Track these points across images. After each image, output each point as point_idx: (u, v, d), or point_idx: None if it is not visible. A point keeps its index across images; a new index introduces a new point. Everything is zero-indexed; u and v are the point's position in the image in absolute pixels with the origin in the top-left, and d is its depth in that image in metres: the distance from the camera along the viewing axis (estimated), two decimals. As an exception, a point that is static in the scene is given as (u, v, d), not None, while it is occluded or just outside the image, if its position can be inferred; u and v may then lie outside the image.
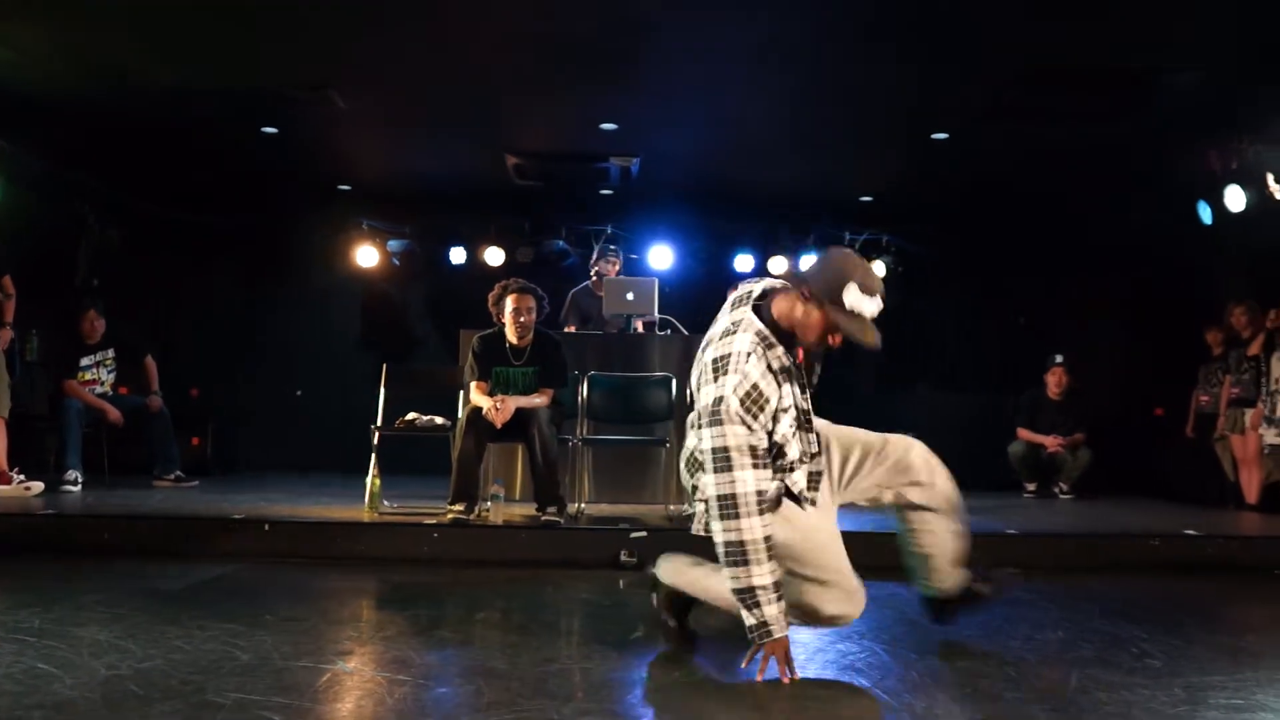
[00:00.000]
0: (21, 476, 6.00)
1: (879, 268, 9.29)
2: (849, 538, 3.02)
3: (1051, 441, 8.00)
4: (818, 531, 2.92)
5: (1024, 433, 8.15)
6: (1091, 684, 2.74)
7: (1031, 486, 8.09)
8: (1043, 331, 9.23)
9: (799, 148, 7.54)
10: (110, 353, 7.05)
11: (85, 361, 6.93)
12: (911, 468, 3.07)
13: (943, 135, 7.07)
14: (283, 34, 5.59)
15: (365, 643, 3.18)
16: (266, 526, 4.98)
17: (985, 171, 8.00)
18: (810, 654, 3.06)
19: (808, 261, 9.28)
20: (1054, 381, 8.24)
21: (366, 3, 5.21)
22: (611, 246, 8.16)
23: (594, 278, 7.58)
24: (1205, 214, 7.21)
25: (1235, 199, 6.72)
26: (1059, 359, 8.28)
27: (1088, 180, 8.04)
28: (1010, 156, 7.54)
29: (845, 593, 2.89)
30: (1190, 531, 5.38)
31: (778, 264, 9.31)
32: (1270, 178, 6.38)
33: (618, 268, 7.70)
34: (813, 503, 2.93)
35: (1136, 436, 8.55)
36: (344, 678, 2.69)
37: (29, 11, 5.36)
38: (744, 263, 9.28)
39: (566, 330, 7.02)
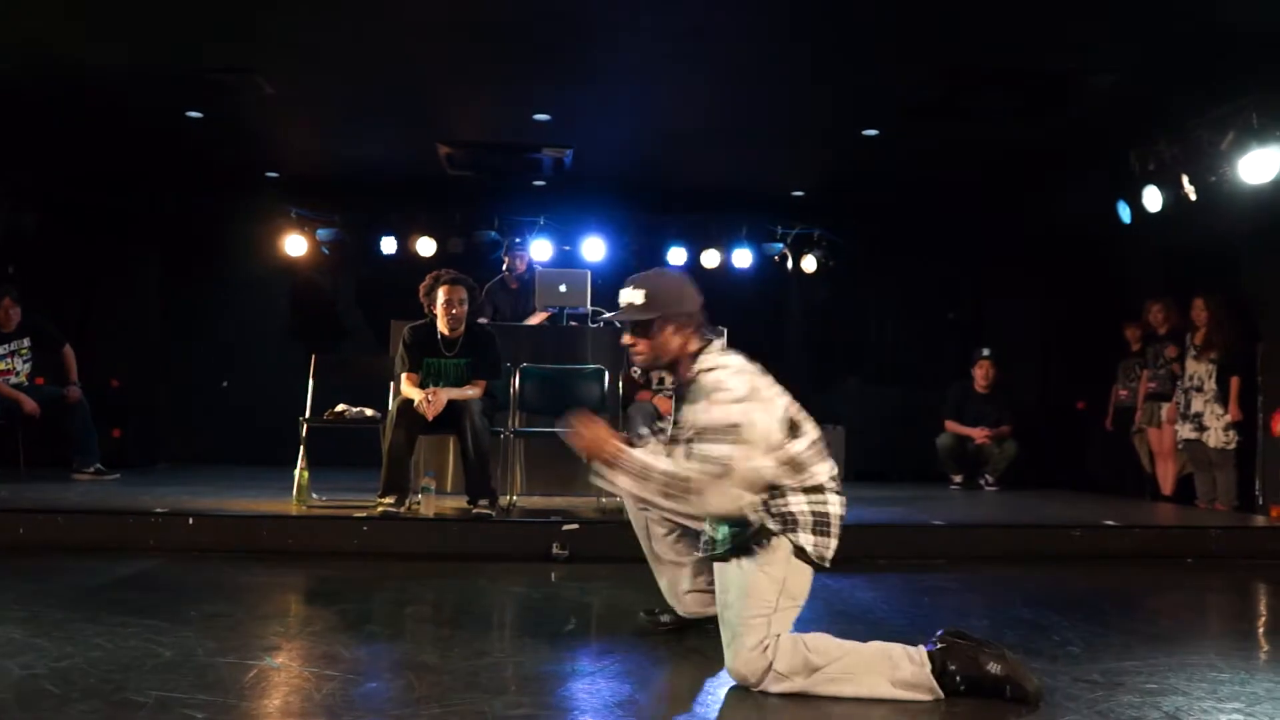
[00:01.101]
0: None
1: (810, 262, 9.40)
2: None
3: (979, 434, 8.16)
4: None
5: (951, 425, 8.30)
6: (1014, 671, 2.80)
7: (958, 478, 8.25)
8: (969, 326, 9.43)
9: (730, 141, 7.58)
10: (26, 341, 6.83)
11: (-1, 351, 6.71)
12: None
13: (873, 131, 7.16)
14: (207, 15, 5.45)
15: (293, 638, 3.13)
16: (190, 520, 4.88)
17: (915, 168, 8.11)
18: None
19: (738, 256, 9.42)
20: (981, 375, 8.40)
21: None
22: (518, 240, 8.25)
23: (505, 272, 7.65)
24: (1124, 213, 7.41)
25: (1153, 199, 6.91)
26: (986, 353, 8.46)
27: (1013, 178, 8.22)
28: (939, 154, 7.67)
29: None
30: (1109, 522, 5.54)
31: (710, 258, 9.36)
32: (1185, 179, 6.57)
33: (526, 262, 7.82)
34: None
35: (1059, 429, 8.77)
36: (271, 674, 2.64)
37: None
38: (677, 255, 9.31)
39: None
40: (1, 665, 2.58)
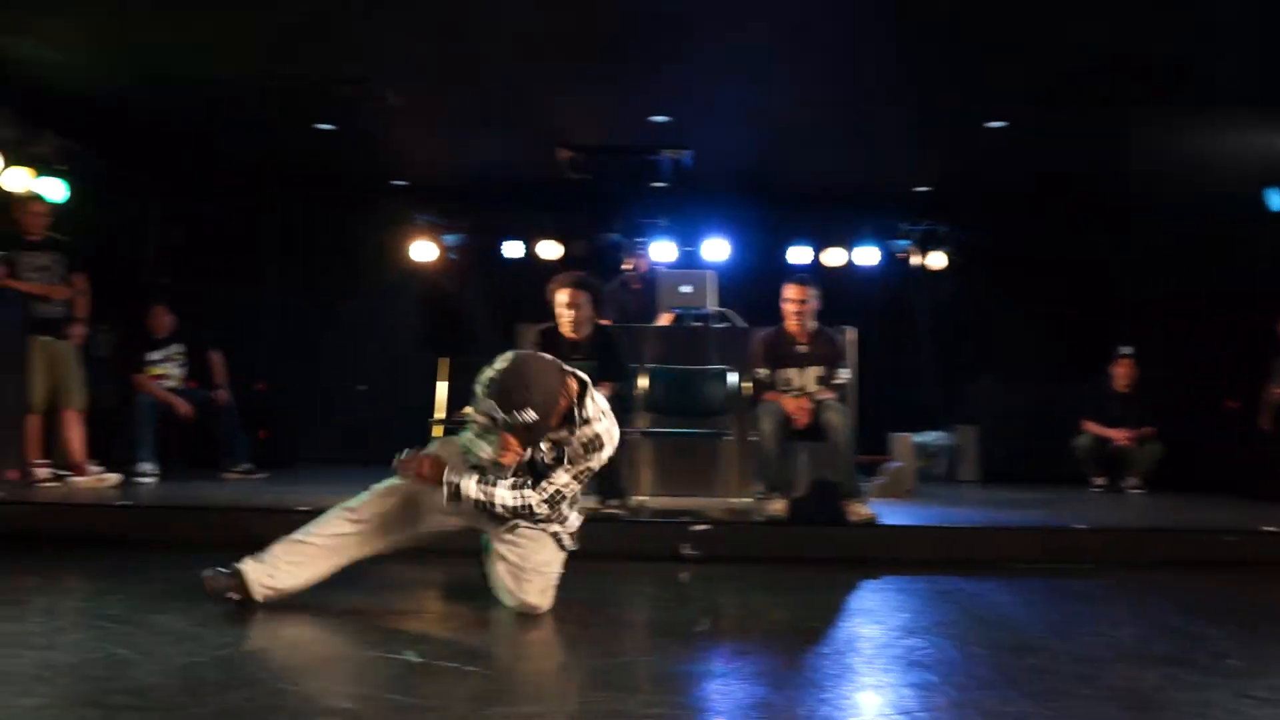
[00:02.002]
0: (99, 468, 6.16)
1: (937, 259, 9.19)
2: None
3: (1120, 435, 7.84)
4: None
5: (1090, 425, 7.99)
6: (1168, 683, 2.67)
7: (1100, 480, 7.95)
8: (1108, 322, 9.05)
9: (849, 139, 7.48)
10: (179, 347, 7.19)
11: (154, 356, 7.07)
12: None
13: (999, 124, 6.96)
14: (332, 32, 5.69)
15: (433, 633, 3.22)
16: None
17: (1044, 160, 7.85)
18: (876, 649, 3.03)
19: (862, 254, 9.27)
20: (1121, 373, 8.08)
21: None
22: (638, 240, 8.29)
23: (630, 272, 7.72)
24: (1274, 201, 7.03)
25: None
26: (1127, 351, 8.12)
27: (1151, 167, 7.87)
28: (1068, 144, 7.40)
29: None
30: (1268, 528, 5.23)
31: (834, 255, 9.24)
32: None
33: (646, 262, 7.86)
34: None
35: (1208, 430, 8.34)
36: (414, 668, 2.71)
37: (63, 10, 5.46)
38: (800, 254, 9.21)
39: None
40: (167, 652, 2.72)
